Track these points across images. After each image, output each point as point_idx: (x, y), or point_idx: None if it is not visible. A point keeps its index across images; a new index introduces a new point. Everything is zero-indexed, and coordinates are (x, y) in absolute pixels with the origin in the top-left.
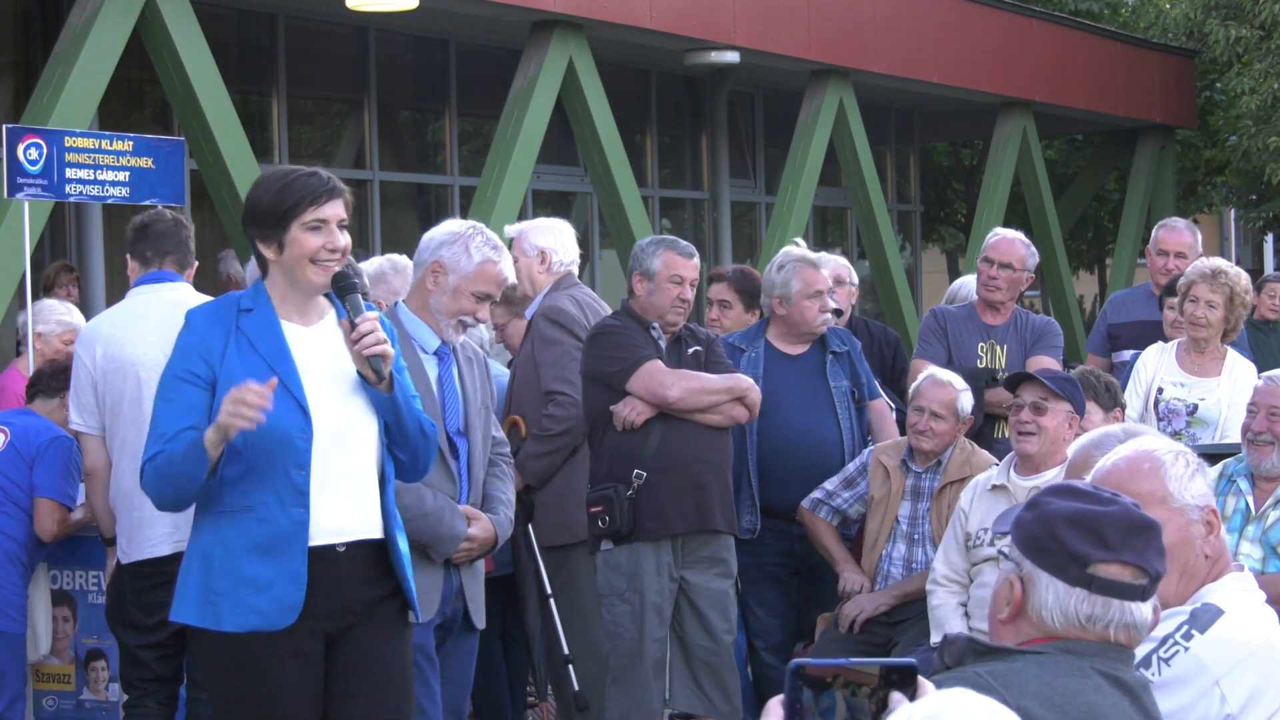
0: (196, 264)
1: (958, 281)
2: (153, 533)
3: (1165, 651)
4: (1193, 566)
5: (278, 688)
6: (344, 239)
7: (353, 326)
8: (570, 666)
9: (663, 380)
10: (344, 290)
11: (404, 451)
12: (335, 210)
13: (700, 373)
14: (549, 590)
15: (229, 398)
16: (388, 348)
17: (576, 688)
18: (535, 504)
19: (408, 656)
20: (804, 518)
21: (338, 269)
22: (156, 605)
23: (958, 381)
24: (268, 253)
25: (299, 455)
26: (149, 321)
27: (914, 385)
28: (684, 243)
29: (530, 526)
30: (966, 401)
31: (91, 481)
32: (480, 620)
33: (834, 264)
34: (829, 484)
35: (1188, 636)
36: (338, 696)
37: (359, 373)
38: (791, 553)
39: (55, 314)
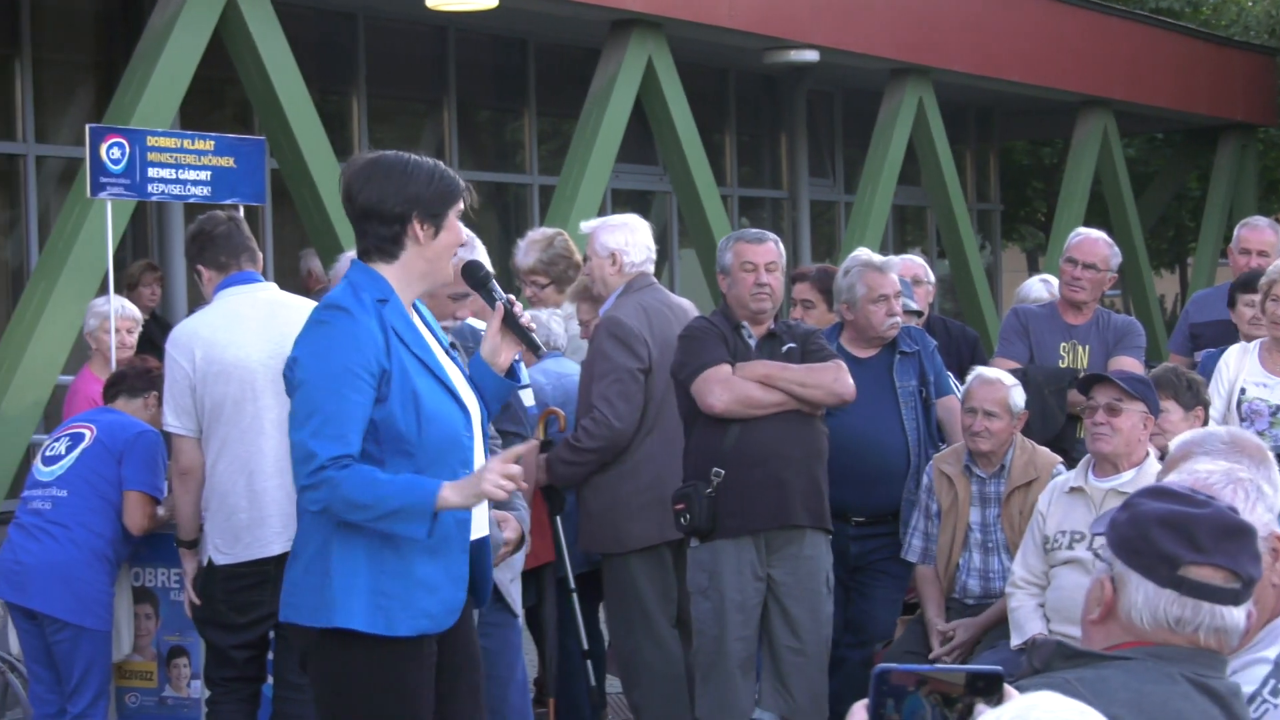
0: (261, 255)
1: (1025, 283)
2: (264, 532)
3: (1255, 712)
4: (1264, 598)
5: (420, 691)
6: None
7: (507, 305)
8: (589, 662)
9: (711, 389)
10: (485, 278)
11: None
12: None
13: (752, 385)
14: (572, 584)
15: (496, 471)
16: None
17: (593, 683)
18: (586, 515)
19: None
20: (919, 575)
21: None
22: (251, 605)
23: (1006, 378)
24: (423, 234)
25: (464, 453)
26: (249, 323)
27: (964, 387)
28: (753, 230)
29: (559, 519)
30: (1018, 397)
31: (186, 482)
32: (518, 606)
33: (908, 263)
34: (918, 524)
35: (1275, 692)
36: (443, 698)
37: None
38: (844, 553)
39: (94, 308)
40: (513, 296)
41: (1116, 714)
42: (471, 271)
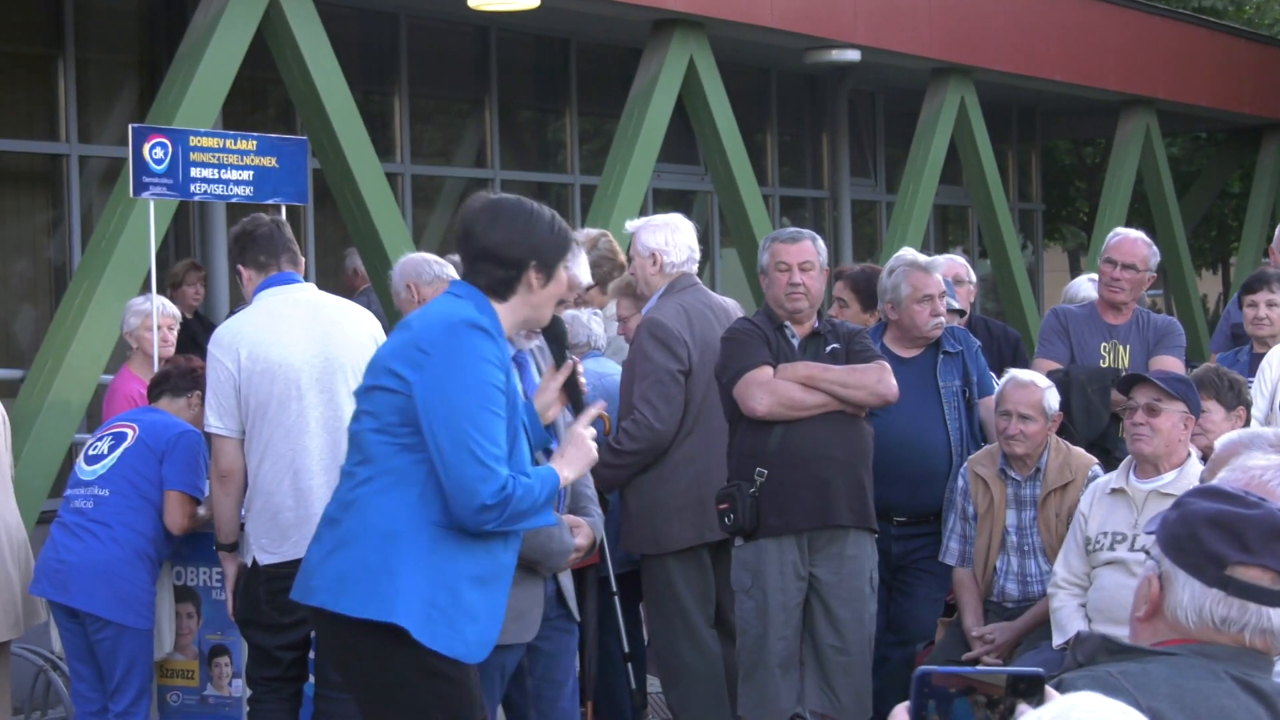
0: (304, 259)
1: (1073, 282)
2: (310, 530)
3: None
4: None
5: (476, 696)
6: None
7: (575, 367)
8: (629, 664)
9: (752, 392)
10: (565, 337)
11: None
12: None
13: (794, 387)
14: (614, 586)
15: (584, 434)
16: None
17: (634, 685)
18: (626, 515)
19: None
20: (957, 579)
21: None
22: (295, 605)
23: (1040, 379)
24: (536, 282)
25: None
26: (292, 323)
27: (996, 390)
28: (790, 229)
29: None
30: (1052, 399)
31: (226, 484)
32: (577, 613)
33: (950, 263)
34: (956, 528)
35: None
36: None
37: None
38: (887, 553)
39: (134, 307)
40: (577, 360)
41: (1158, 707)
42: (555, 329)
